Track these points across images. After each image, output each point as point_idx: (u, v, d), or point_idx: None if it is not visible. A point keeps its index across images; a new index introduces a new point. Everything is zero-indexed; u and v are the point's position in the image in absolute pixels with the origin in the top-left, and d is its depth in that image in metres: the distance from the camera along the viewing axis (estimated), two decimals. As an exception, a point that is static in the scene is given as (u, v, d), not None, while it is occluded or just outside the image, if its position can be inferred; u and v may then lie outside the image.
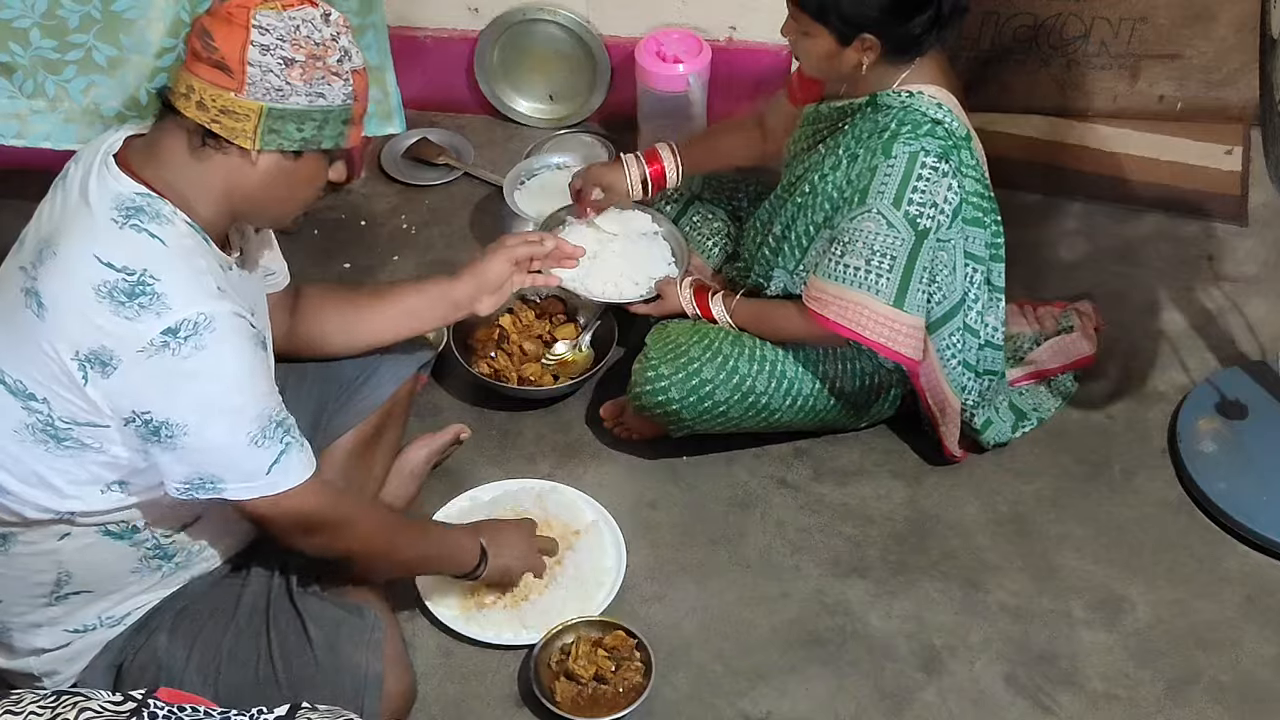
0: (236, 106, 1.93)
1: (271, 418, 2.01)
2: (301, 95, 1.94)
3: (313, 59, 1.94)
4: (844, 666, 2.48)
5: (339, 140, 2.01)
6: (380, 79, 2.89)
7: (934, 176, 2.42)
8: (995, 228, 2.58)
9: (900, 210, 2.42)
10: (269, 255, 2.30)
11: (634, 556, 2.60)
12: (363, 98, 2.02)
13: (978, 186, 2.52)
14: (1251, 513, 2.64)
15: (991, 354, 2.66)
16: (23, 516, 2.05)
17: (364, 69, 2.02)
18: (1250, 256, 3.17)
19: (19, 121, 2.85)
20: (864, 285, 2.45)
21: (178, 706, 1.61)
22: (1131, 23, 3.32)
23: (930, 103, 2.44)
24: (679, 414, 2.61)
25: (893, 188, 2.41)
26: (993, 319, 2.64)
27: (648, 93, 3.27)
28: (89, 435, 1.98)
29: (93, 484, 2.03)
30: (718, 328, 2.65)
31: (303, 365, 2.42)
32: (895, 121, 2.44)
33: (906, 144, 2.41)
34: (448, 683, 2.45)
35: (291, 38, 1.92)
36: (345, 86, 1.98)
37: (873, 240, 2.43)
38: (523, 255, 2.51)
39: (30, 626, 2.17)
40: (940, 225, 2.46)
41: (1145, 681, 2.45)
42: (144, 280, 1.91)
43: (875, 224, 2.43)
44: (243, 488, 2.02)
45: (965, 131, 2.49)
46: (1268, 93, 2.44)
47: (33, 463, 2.00)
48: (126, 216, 1.94)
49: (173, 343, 1.91)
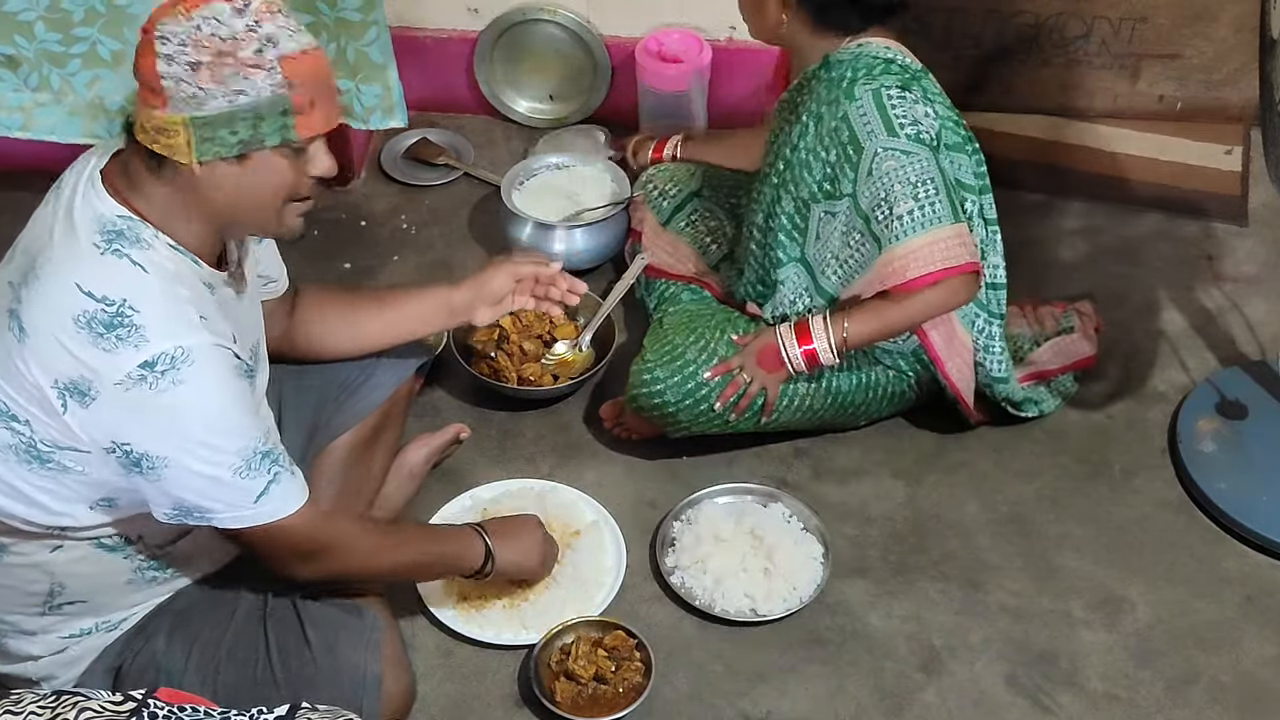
0: (165, 123, 1.86)
1: (256, 449, 1.97)
2: (219, 97, 1.84)
3: (220, 56, 1.83)
4: (844, 666, 2.48)
5: (285, 134, 1.89)
6: (383, 76, 2.90)
7: (904, 102, 2.43)
8: (977, 155, 2.57)
9: (900, 135, 2.41)
10: (268, 262, 2.28)
11: (634, 556, 2.60)
12: (305, 83, 1.88)
13: (950, 113, 2.52)
14: (1251, 513, 2.64)
15: (997, 295, 2.64)
16: (14, 529, 2.04)
17: (303, 51, 1.87)
18: (1250, 256, 3.17)
19: (24, 114, 2.86)
20: (927, 225, 2.40)
21: (178, 706, 1.61)
22: (1132, 23, 3.32)
23: (879, 46, 2.47)
24: (675, 416, 2.61)
25: (878, 122, 2.41)
26: (994, 256, 2.62)
27: (648, 93, 3.27)
28: (71, 459, 1.96)
29: (80, 502, 2.01)
30: (715, 329, 2.64)
31: (302, 365, 2.42)
32: (849, 69, 2.46)
33: (866, 85, 2.43)
34: (448, 683, 2.45)
35: (193, 39, 1.82)
36: (271, 77, 1.85)
37: (905, 174, 2.41)
38: (526, 274, 2.48)
39: (25, 634, 2.16)
40: (937, 137, 2.45)
41: (1145, 681, 2.45)
42: (123, 311, 1.88)
43: (894, 160, 2.41)
44: (231, 517, 2.00)
45: (920, 67, 2.50)
46: (1268, 93, 2.44)
47: (18, 482, 1.98)
48: (109, 241, 1.91)
49: (150, 376, 1.88)
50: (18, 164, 2.99)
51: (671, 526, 2.64)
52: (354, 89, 2.94)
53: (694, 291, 2.86)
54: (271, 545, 2.05)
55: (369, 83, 2.93)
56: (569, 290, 2.50)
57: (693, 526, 2.62)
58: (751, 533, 2.59)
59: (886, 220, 2.43)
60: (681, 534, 2.62)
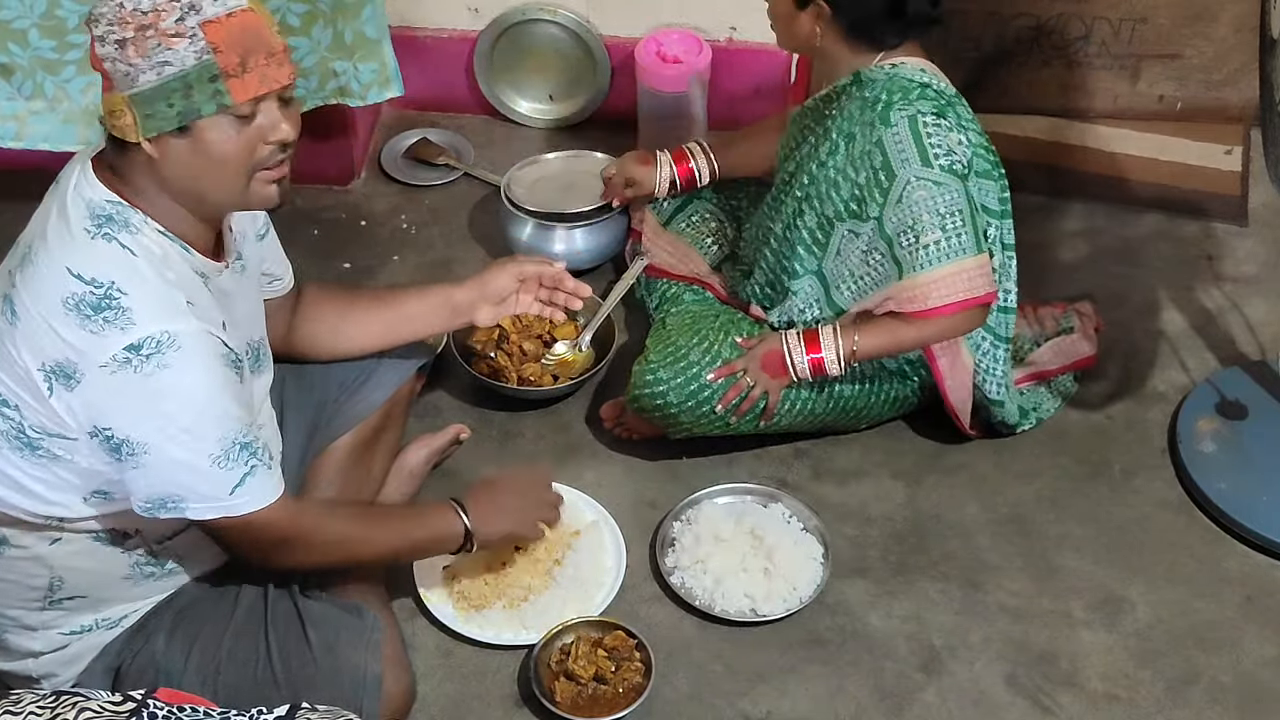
0: (113, 105, 1.89)
1: (236, 440, 1.98)
2: (147, 71, 1.84)
3: (141, 30, 1.83)
4: (844, 666, 2.48)
5: (219, 100, 1.86)
6: (378, 51, 2.91)
7: (940, 130, 2.42)
8: (1003, 181, 2.56)
9: (934, 166, 2.40)
10: (272, 261, 2.29)
11: (634, 556, 2.60)
12: (234, 45, 1.85)
13: (981, 139, 2.52)
14: (1251, 513, 2.64)
15: (1005, 319, 2.64)
16: (13, 521, 2.04)
17: (229, 15, 1.85)
18: (1250, 256, 3.17)
19: (17, 123, 2.85)
20: (951, 255, 2.41)
21: (177, 707, 1.61)
22: (1132, 23, 3.32)
23: (914, 69, 2.46)
24: (677, 417, 2.61)
25: (913, 151, 2.41)
26: (1007, 281, 2.62)
27: (648, 93, 3.27)
28: (59, 447, 1.96)
29: (73, 492, 2.02)
30: (718, 330, 2.63)
31: (302, 365, 2.42)
32: (884, 91, 2.44)
33: (902, 110, 2.42)
34: (447, 683, 2.45)
35: (117, 18, 1.84)
36: (193, 44, 1.83)
37: (935, 205, 2.41)
38: (529, 273, 2.47)
39: (25, 630, 2.17)
40: (969, 167, 2.45)
41: (1145, 681, 2.45)
42: (111, 294, 1.89)
43: (925, 190, 2.41)
44: (204, 508, 1.99)
45: (954, 92, 2.49)
46: (1268, 93, 2.44)
47: (12, 470, 1.99)
48: (98, 226, 1.93)
49: (135, 359, 1.89)
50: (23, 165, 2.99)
51: (671, 527, 2.63)
52: (351, 68, 2.94)
53: (696, 292, 2.86)
54: (245, 539, 2.06)
55: (365, 60, 2.93)
56: (573, 294, 2.48)
57: (693, 527, 2.62)
58: (751, 533, 2.59)
59: (911, 248, 2.43)
60: (681, 534, 2.62)
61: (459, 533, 2.28)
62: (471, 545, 2.30)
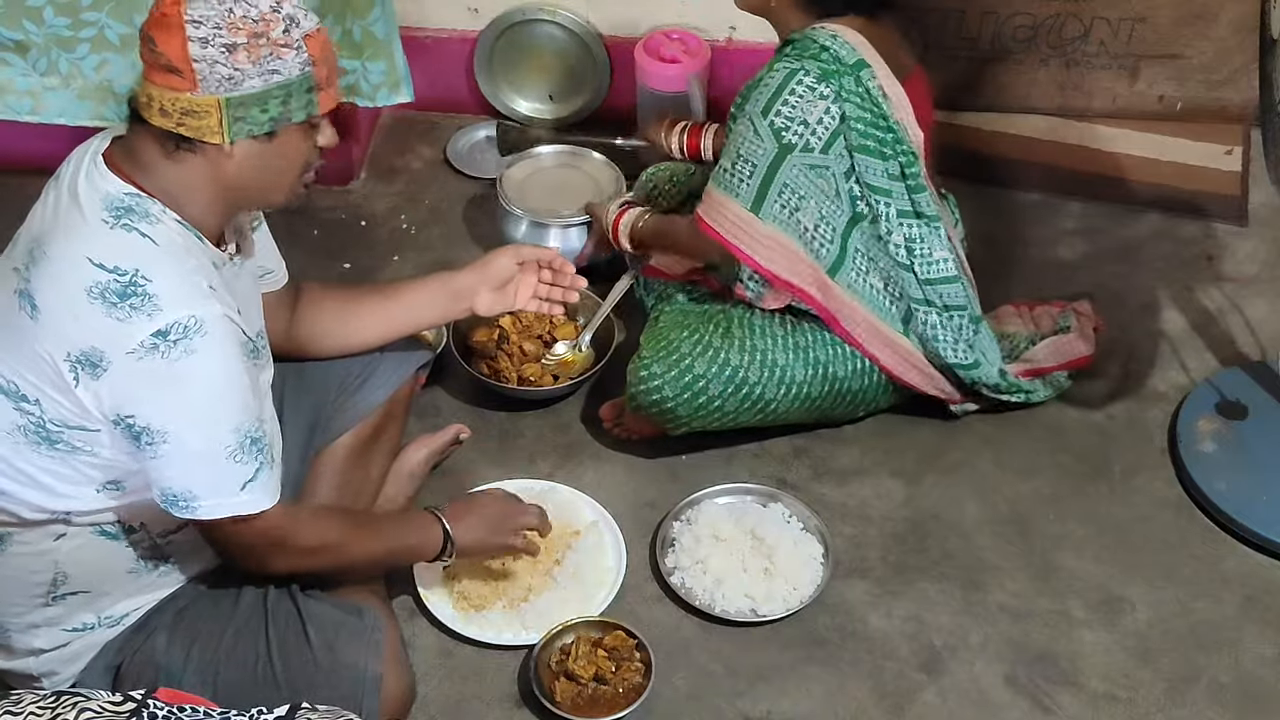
0: (195, 106, 1.91)
1: (250, 432, 2.00)
2: (254, 78, 1.91)
3: (255, 38, 1.90)
4: (844, 666, 2.48)
5: (309, 109, 1.97)
6: (388, 51, 2.91)
7: (809, 95, 2.49)
8: (905, 158, 2.57)
9: (766, 120, 2.50)
10: (266, 253, 2.29)
11: (634, 556, 2.60)
12: (324, 60, 1.97)
13: (866, 115, 2.54)
14: (1251, 513, 2.64)
15: (945, 289, 2.65)
16: (19, 517, 2.05)
17: (318, 30, 1.96)
18: (1250, 256, 3.17)
19: (33, 99, 2.88)
20: (727, 187, 2.54)
21: (177, 707, 1.61)
22: (1131, 23, 3.32)
23: (827, 34, 2.52)
24: (675, 411, 2.61)
25: (765, 97, 2.50)
26: (938, 250, 2.63)
27: (648, 93, 3.27)
28: (79, 439, 1.98)
29: (87, 484, 2.03)
30: (709, 322, 2.65)
31: (302, 365, 2.42)
32: (790, 45, 2.54)
33: (787, 61, 2.51)
34: (448, 683, 2.45)
35: (227, 23, 1.89)
36: (299, 55, 1.93)
37: (740, 144, 2.53)
38: (528, 257, 2.49)
39: (28, 627, 2.17)
40: (809, 145, 2.51)
41: (1145, 681, 2.45)
42: (135, 281, 1.91)
43: (745, 129, 2.52)
44: (214, 504, 2.01)
45: (857, 60, 2.52)
46: (1268, 93, 2.44)
47: (25, 464, 2.01)
48: (117, 216, 1.94)
49: (162, 345, 1.91)
50: (18, 162, 3.00)
51: (671, 527, 2.64)
52: (360, 68, 2.94)
53: (690, 291, 2.86)
54: (244, 540, 2.06)
55: (374, 60, 2.93)
56: (570, 287, 2.50)
57: (693, 527, 2.63)
58: (751, 533, 2.60)
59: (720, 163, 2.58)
60: (681, 534, 2.62)
61: (438, 540, 2.29)
62: (451, 551, 2.31)
